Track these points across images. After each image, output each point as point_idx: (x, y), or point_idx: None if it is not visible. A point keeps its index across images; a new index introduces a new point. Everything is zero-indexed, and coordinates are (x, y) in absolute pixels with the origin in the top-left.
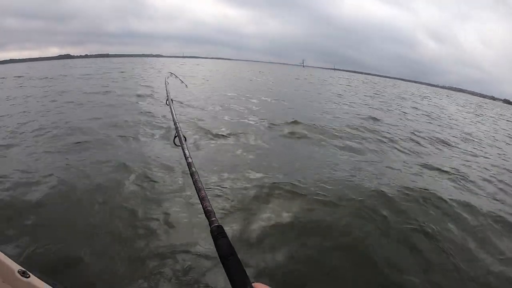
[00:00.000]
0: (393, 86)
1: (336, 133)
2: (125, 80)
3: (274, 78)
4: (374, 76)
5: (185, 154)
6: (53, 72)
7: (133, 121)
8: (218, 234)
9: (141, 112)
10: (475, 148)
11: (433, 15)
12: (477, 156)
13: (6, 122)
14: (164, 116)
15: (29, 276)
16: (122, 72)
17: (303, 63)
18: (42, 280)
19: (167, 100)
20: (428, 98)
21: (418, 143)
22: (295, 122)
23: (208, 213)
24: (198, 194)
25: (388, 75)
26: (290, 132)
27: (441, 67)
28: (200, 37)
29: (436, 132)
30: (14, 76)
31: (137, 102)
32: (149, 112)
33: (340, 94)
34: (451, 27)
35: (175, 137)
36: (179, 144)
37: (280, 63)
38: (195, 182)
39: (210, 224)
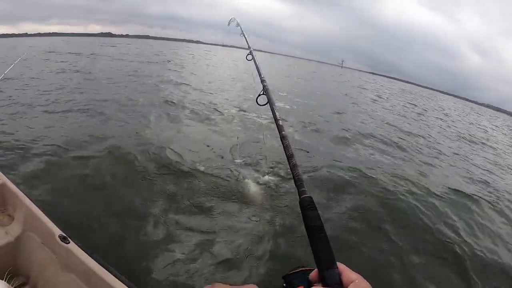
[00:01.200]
0: (433, 99)
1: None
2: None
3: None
4: (411, 85)
5: (274, 114)
6: (89, 48)
7: None
8: (308, 205)
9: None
10: None
11: (478, 28)
12: None
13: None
14: None
15: (68, 242)
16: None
17: (342, 63)
18: (80, 248)
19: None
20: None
21: None
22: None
23: (299, 182)
24: (288, 160)
25: (425, 85)
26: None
27: (481, 83)
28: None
29: None
30: (45, 51)
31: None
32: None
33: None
34: (496, 42)
35: (260, 95)
36: (264, 103)
37: (319, 61)
38: (285, 147)
39: (299, 194)
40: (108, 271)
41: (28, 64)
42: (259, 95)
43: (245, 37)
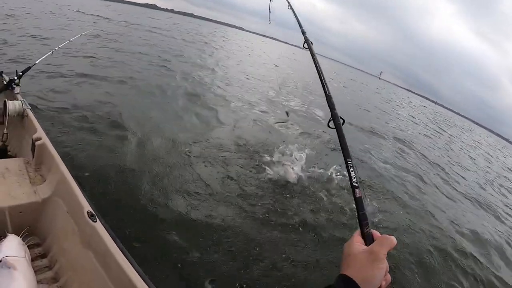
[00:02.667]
0: (469, 130)
1: None
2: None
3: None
4: (446, 110)
5: (342, 141)
6: (127, 17)
7: None
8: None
9: None
10: None
11: None
12: None
13: None
14: None
15: (95, 221)
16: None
17: (380, 75)
18: (106, 230)
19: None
20: None
21: None
22: None
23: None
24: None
25: (458, 111)
26: None
27: None
28: (283, 20)
29: None
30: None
31: None
32: None
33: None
34: None
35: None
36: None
37: (356, 68)
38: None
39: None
40: (127, 258)
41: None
42: (331, 119)
43: (297, 20)
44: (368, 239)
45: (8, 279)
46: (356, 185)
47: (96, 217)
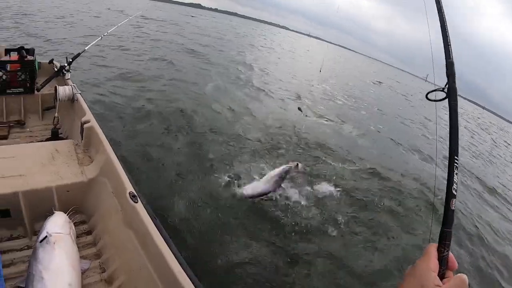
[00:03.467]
0: None
1: None
2: None
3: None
4: (498, 118)
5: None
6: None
7: None
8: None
9: None
10: None
11: None
12: None
13: None
14: None
15: (137, 202)
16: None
17: (426, 77)
18: (146, 211)
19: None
20: None
21: None
22: None
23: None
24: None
25: (509, 119)
26: None
27: None
28: (327, 19)
29: None
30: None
31: None
32: None
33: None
34: None
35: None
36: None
37: (401, 70)
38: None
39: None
40: (164, 240)
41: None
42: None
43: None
44: (443, 264)
45: (53, 253)
46: (455, 193)
47: (138, 198)
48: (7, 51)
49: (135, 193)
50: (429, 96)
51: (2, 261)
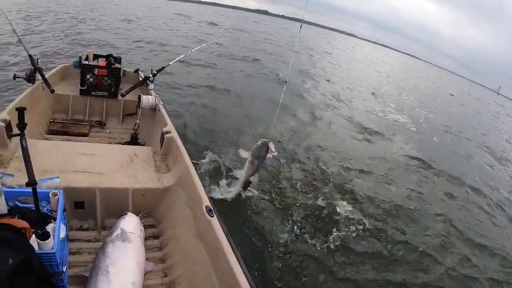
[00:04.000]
0: None
1: None
2: None
3: None
4: None
5: None
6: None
7: None
8: None
9: None
10: None
11: None
12: None
13: None
14: None
15: (212, 216)
16: None
17: (498, 90)
18: (220, 226)
19: None
20: None
21: None
22: None
23: None
24: None
25: None
26: None
27: None
28: (392, 24)
29: None
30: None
31: None
32: None
33: None
34: None
35: None
36: None
37: (471, 80)
38: None
39: None
40: (236, 258)
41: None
42: None
43: None
44: None
45: (121, 251)
46: None
47: (214, 212)
48: (96, 56)
49: (211, 207)
50: None
51: (69, 249)
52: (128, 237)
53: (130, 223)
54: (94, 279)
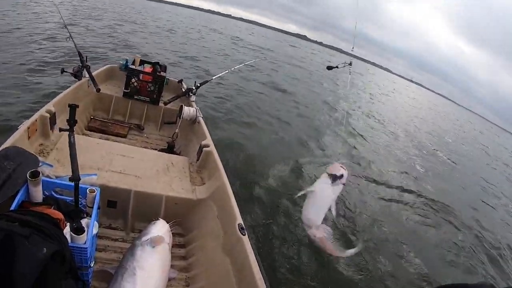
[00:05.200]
0: None
1: None
2: None
3: None
4: None
5: None
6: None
7: None
8: None
9: None
10: None
11: None
12: None
13: None
14: None
15: (244, 234)
16: None
17: None
18: (251, 245)
19: None
20: None
21: None
22: None
23: None
24: None
25: None
26: None
27: None
28: (428, 63)
29: None
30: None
31: None
32: None
33: None
34: None
35: None
36: None
37: (502, 128)
38: None
39: None
40: (264, 280)
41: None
42: None
43: None
44: None
45: (150, 255)
46: None
47: (245, 231)
48: (142, 62)
49: (243, 226)
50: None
51: (97, 245)
52: (158, 243)
53: (161, 230)
54: (120, 278)
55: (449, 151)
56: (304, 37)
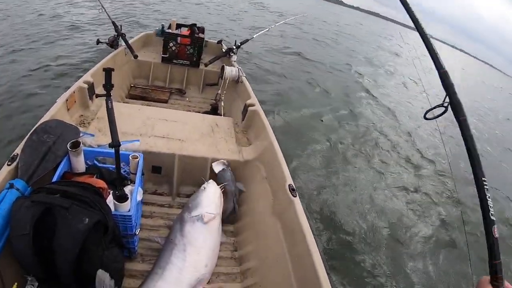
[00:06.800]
0: None
1: None
2: None
3: None
4: None
5: None
6: None
7: None
8: None
9: None
10: None
11: None
12: None
13: None
14: None
15: (295, 196)
16: None
17: None
18: (302, 207)
19: None
20: None
21: None
22: None
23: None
24: None
25: None
26: None
27: None
28: (472, 31)
29: None
30: None
31: None
32: None
33: None
34: None
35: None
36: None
37: None
38: None
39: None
40: (315, 241)
41: None
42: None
43: None
44: None
45: (199, 233)
46: (493, 219)
47: (296, 192)
48: (178, 26)
49: (294, 187)
50: (427, 115)
51: (142, 212)
52: (210, 219)
53: (213, 201)
54: (169, 253)
55: None
56: (341, 2)
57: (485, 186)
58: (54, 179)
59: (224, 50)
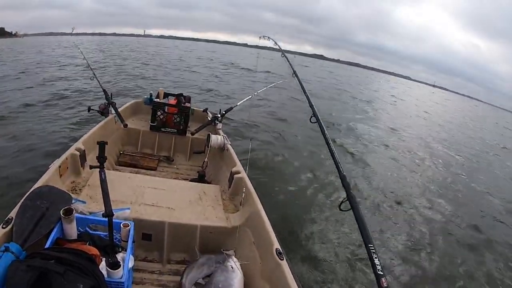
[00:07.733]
0: None
1: None
2: None
3: None
4: None
5: None
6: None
7: None
8: None
9: None
10: None
11: None
12: None
13: None
14: None
15: (282, 259)
16: None
17: None
18: (290, 269)
19: None
20: None
21: None
22: None
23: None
24: None
25: None
26: None
27: None
28: (448, 66)
29: None
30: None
31: None
32: None
33: None
34: None
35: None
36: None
37: None
38: None
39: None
40: None
41: None
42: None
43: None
44: None
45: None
46: (381, 273)
47: (284, 255)
48: (166, 95)
49: (281, 251)
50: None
51: (133, 278)
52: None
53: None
54: None
55: None
56: (321, 57)
57: (371, 248)
58: (47, 245)
59: (209, 118)
